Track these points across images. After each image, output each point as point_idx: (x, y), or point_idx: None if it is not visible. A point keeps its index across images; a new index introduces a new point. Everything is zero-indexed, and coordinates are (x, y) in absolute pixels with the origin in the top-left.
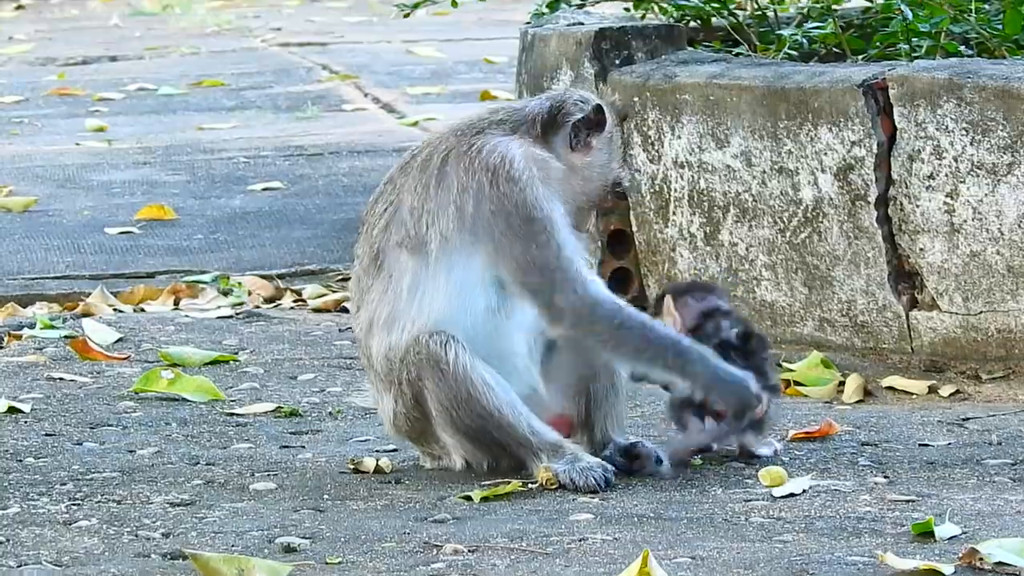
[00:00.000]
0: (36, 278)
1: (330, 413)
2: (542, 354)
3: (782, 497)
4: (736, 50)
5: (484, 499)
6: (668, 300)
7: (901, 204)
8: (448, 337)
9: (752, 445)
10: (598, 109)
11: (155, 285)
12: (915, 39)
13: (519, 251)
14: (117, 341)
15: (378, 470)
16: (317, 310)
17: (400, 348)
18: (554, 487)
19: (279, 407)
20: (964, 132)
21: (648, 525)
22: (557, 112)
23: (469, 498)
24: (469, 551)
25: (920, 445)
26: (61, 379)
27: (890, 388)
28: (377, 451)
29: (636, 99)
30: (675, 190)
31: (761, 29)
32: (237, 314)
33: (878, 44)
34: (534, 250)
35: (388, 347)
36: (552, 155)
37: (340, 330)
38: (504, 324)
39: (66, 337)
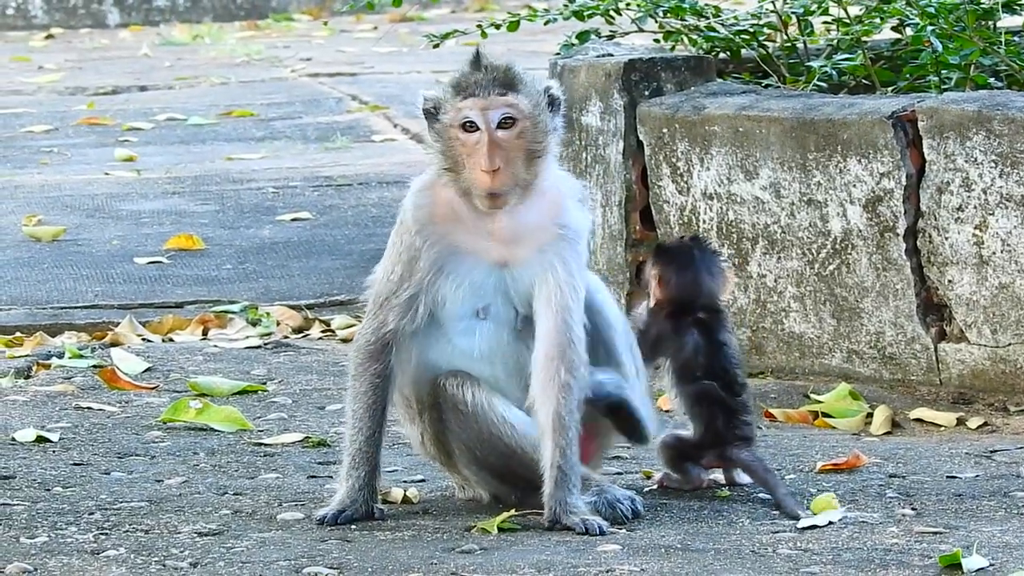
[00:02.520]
0: (65, 307)
1: None
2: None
3: (809, 528)
4: (765, 82)
5: (503, 530)
6: (649, 267)
7: (930, 236)
8: (464, 378)
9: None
10: (421, 99)
11: (184, 315)
12: (944, 71)
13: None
14: (145, 371)
15: (406, 500)
16: (345, 340)
17: (422, 386)
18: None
19: (307, 437)
20: (993, 164)
21: (676, 556)
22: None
23: (486, 531)
24: None
25: (948, 477)
26: (89, 408)
27: (918, 420)
28: (405, 481)
29: (665, 130)
30: (704, 221)
31: (791, 61)
32: (265, 344)
33: (907, 76)
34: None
35: (410, 383)
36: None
37: None
38: (506, 346)
39: (95, 367)
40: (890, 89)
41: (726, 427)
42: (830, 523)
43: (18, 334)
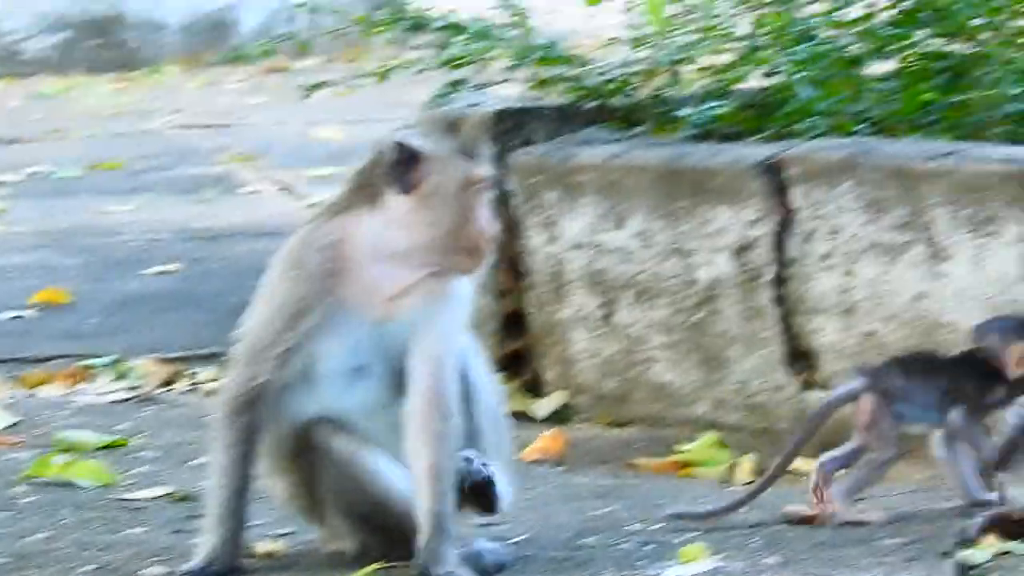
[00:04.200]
0: None
1: None
2: None
3: None
4: (635, 130)
5: None
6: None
7: (797, 284)
8: (337, 426)
9: None
10: (397, 148)
11: (51, 369)
12: (813, 118)
13: None
14: (11, 425)
15: (271, 554)
16: (211, 393)
17: (291, 437)
18: None
19: (172, 492)
20: (861, 211)
21: None
22: (372, 172)
23: None
24: None
25: (814, 526)
26: None
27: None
28: (270, 535)
29: (534, 179)
30: (571, 271)
31: (661, 109)
32: (132, 398)
33: (776, 124)
34: None
35: (278, 434)
36: (381, 215)
37: None
38: (384, 402)
39: None
40: (758, 137)
41: None
42: (696, 574)
43: None
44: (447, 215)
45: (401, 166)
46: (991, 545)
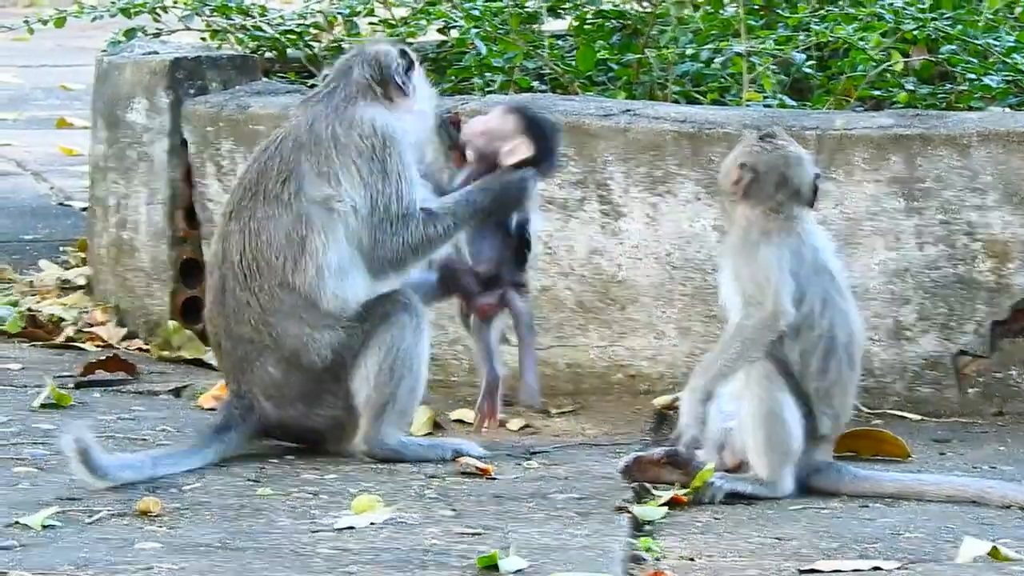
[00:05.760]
0: None
1: None
2: None
3: (348, 529)
4: (311, 82)
5: (48, 526)
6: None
7: None
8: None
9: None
10: (402, 53)
11: None
12: (489, 74)
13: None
14: None
15: None
16: None
17: (359, 295)
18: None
19: None
20: None
21: (215, 555)
22: (374, 76)
23: (28, 527)
24: None
25: (488, 478)
26: None
27: (459, 421)
28: None
29: (210, 128)
30: None
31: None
32: None
33: (452, 78)
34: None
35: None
36: (400, 109)
37: None
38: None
39: None
40: (435, 91)
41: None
42: (371, 524)
43: None
44: (427, 114)
45: (408, 70)
46: (662, 499)
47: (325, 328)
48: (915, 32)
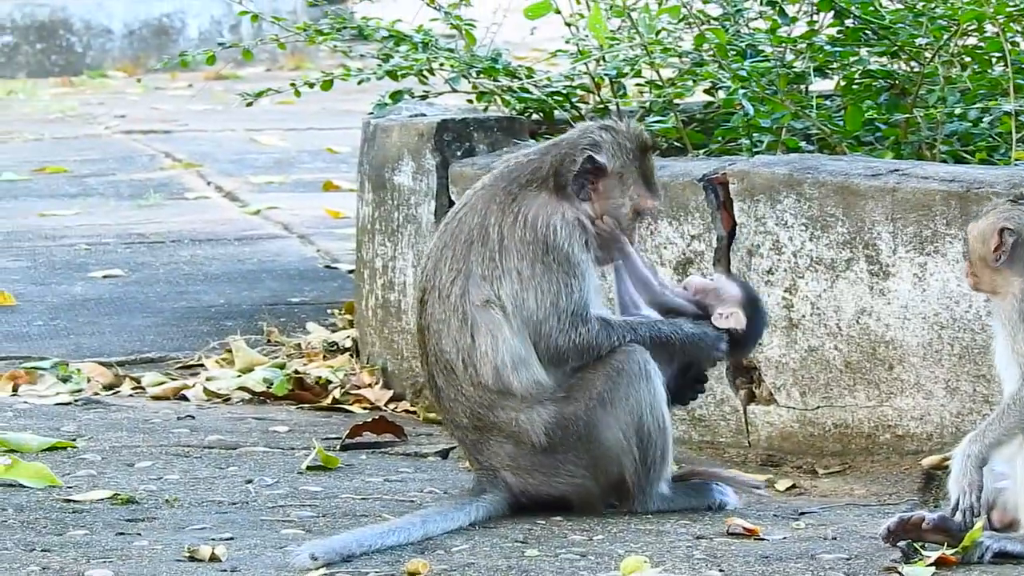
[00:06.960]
0: None
1: (167, 501)
2: None
3: None
4: None
5: None
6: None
7: None
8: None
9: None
10: (589, 159)
11: None
12: (756, 134)
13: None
14: None
15: (213, 558)
16: (156, 398)
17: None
18: None
19: (116, 494)
20: (803, 227)
21: None
22: (558, 170)
23: None
24: None
25: (756, 539)
26: None
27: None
28: (213, 539)
29: None
30: None
31: None
32: (76, 401)
33: (719, 139)
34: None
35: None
36: (572, 206)
37: (178, 417)
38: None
39: None
40: (702, 152)
41: None
42: None
43: None
44: (613, 218)
45: (587, 175)
46: (930, 559)
47: (533, 408)
48: None
